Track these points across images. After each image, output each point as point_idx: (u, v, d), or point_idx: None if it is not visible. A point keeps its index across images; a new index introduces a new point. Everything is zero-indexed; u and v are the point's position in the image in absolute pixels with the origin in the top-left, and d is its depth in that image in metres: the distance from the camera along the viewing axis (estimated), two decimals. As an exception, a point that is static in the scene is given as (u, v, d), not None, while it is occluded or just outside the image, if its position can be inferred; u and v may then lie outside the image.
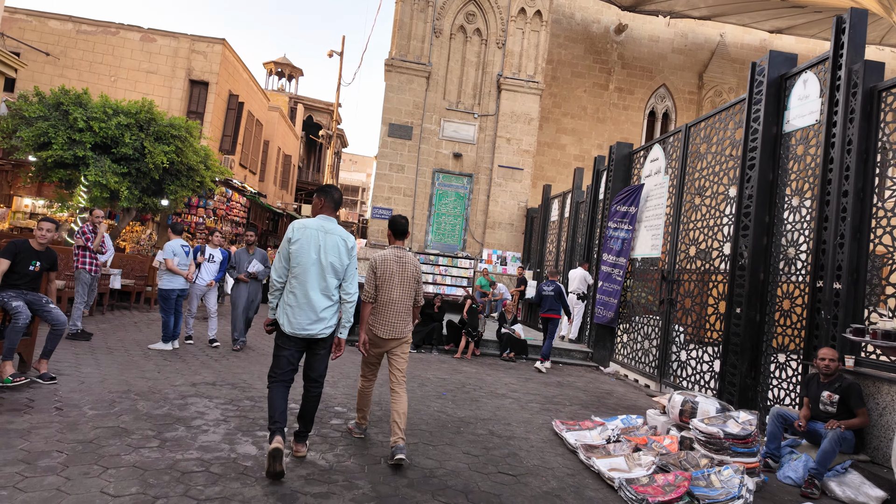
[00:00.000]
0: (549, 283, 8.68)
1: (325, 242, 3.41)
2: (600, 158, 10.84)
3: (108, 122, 10.98)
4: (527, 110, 15.65)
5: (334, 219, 3.58)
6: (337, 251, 3.44)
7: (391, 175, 15.13)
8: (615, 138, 20.70)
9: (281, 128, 29.90)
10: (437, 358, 8.40)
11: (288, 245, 3.39)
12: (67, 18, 19.48)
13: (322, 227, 3.45)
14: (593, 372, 8.84)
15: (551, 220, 13.60)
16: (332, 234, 3.45)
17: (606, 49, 20.77)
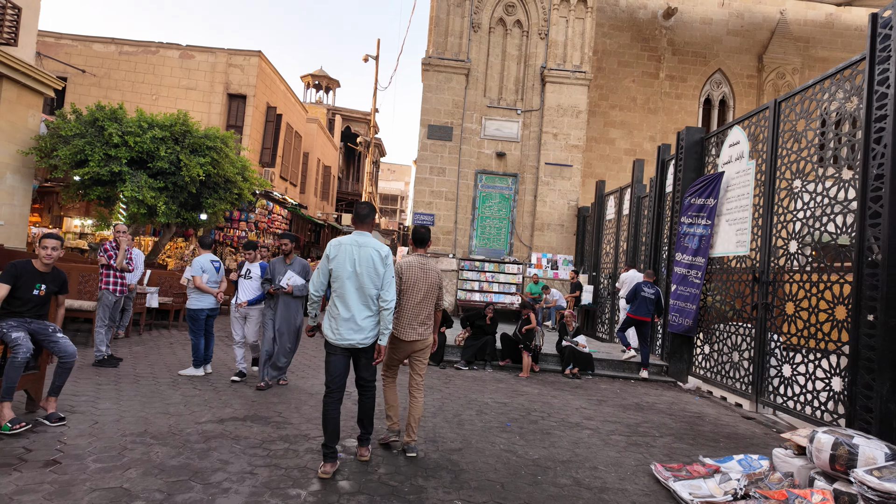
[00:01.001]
0: (651, 286, 8.32)
1: (359, 255, 3.62)
2: (665, 147, 9.75)
3: (143, 136, 10.71)
4: (574, 102, 14.63)
5: (368, 233, 3.76)
6: (371, 262, 3.62)
7: (432, 179, 14.41)
8: (668, 129, 19.37)
9: (320, 139, 29.82)
10: (493, 376, 7.52)
11: (327, 262, 3.66)
12: (110, 41, 19.79)
13: (356, 241, 3.67)
14: (671, 389, 7.76)
15: (607, 219, 12.52)
16: (366, 247, 3.65)
17: (655, 35, 19.49)
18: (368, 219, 3.79)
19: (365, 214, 3.79)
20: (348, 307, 3.56)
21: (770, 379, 6.38)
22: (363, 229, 3.76)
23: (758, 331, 6.60)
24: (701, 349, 8.04)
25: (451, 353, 8.45)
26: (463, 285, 14.04)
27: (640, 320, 8.33)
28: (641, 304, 8.26)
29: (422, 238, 4.29)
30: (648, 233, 9.85)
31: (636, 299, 8.31)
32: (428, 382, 6.71)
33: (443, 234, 14.35)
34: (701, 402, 6.96)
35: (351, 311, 3.56)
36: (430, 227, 14.29)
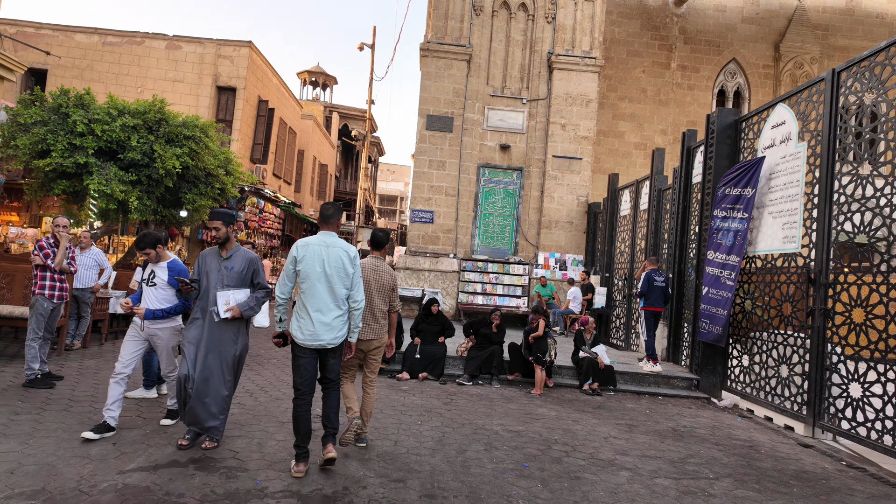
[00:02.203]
0: (660, 274, 7.91)
1: (328, 256, 3.62)
2: (691, 133, 8.75)
3: (111, 123, 9.70)
4: (583, 91, 13.63)
5: (334, 233, 3.77)
6: (340, 262, 3.63)
7: (431, 173, 13.40)
8: (680, 122, 18.37)
9: (316, 137, 28.84)
10: (501, 393, 6.51)
11: (294, 264, 3.63)
12: (93, 31, 18.85)
13: (324, 242, 3.66)
14: (706, 407, 6.75)
15: (621, 215, 11.52)
16: (334, 247, 3.66)
17: (666, 24, 18.50)
18: (333, 219, 3.80)
19: (330, 215, 3.79)
20: (319, 308, 3.57)
21: (831, 399, 5.37)
22: (329, 229, 3.78)
23: (814, 341, 5.59)
24: (738, 361, 7.03)
25: (453, 366, 7.44)
26: (465, 288, 13.04)
27: (660, 312, 7.96)
28: (657, 295, 7.81)
29: (379, 242, 4.43)
30: (672, 229, 8.84)
31: (650, 291, 7.83)
32: (427, 403, 5.71)
33: (443, 232, 13.35)
34: (745, 424, 5.95)
35: (321, 312, 3.56)
36: (430, 224, 13.30)
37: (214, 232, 3.95)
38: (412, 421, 4.96)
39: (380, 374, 7.13)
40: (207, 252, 4.08)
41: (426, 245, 13.35)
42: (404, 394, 6.09)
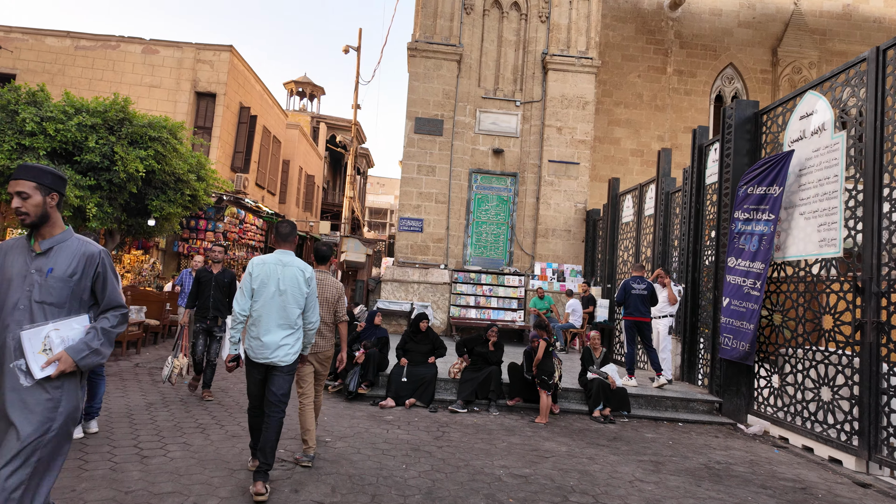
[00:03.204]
0: (640, 281, 7.32)
1: (283, 275, 3.59)
2: (702, 129, 8.03)
3: (66, 122, 8.81)
4: (580, 92, 12.96)
5: (291, 252, 3.74)
6: (296, 282, 3.61)
7: (420, 179, 12.60)
8: (678, 128, 17.82)
9: (302, 147, 28.00)
10: (501, 423, 5.63)
11: (250, 280, 3.58)
12: (65, 34, 17.97)
13: (280, 261, 3.64)
14: (733, 435, 5.91)
15: (623, 222, 10.76)
16: (290, 266, 3.63)
17: (661, 27, 18.00)
18: (290, 237, 3.77)
19: (287, 233, 3.76)
20: (269, 327, 3.54)
21: (891, 429, 4.56)
22: (286, 248, 3.75)
23: (865, 360, 4.79)
24: (767, 381, 6.21)
25: (445, 390, 6.55)
26: (456, 301, 12.18)
27: (639, 321, 7.23)
28: (636, 303, 7.20)
29: (323, 256, 4.48)
30: (683, 235, 8.07)
31: (627, 299, 7.27)
32: (414, 438, 4.82)
33: (433, 241, 12.51)
34: (786, 458, 5.11)
35: (272, 331, 3.53)
36: (419, 233, 12.46)
37: (19, 202, 2.22)
38: (396, 464, 4.07)
39: (360, 400, 6.24)
40: (9, 244, 2.33)
41: (415, 255, 12.50)
42: (388, 426, 5.19)
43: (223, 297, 5.94)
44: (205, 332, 5.89)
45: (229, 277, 6.01)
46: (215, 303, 5.89)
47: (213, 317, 5.90)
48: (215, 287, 5.89)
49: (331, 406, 5.86)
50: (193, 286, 5.89)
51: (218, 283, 5.91)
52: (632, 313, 7.30)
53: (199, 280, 5.88)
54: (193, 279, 5.92)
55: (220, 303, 5.92)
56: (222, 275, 5.97)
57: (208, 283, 5.88)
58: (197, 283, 5.87)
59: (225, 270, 6.02)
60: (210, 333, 5.92)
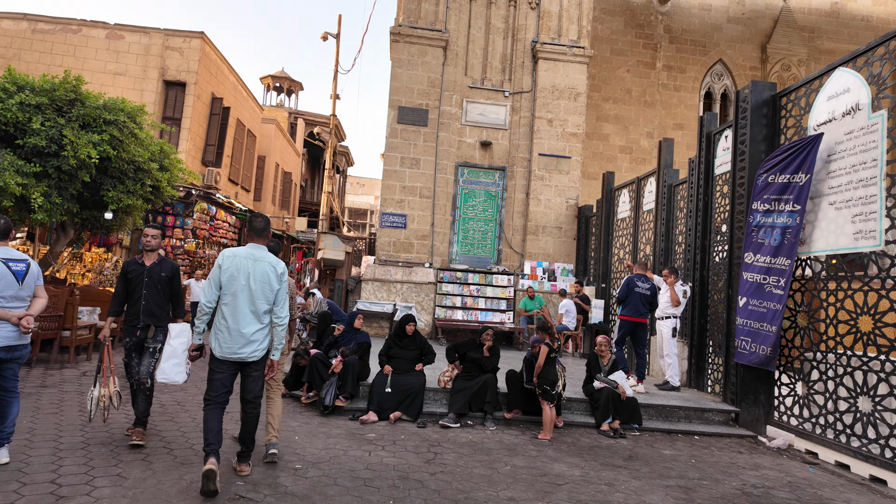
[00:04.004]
0: (644, 280, 6.93)
1: (254, 270, 3.55)
2: (710, 116, 7.46)
3: (6, 101, 7.84)
4: (571, 83, 12.37)
5: (263, 246, 3.70)
6: (266, 277, 3.57)
7: (403, 171, 11.85)
8: (667, 124, 17.40)
9: (279, 142, 26.98)
10: (499, 440, 4.92)
11: (219, 273, 3.52)
12: (22, 17, 16.80)
13: (251, 255, 3.59)
14: (757, 450, 5.30)
15: (619, 218, 10.18)
16: (262, 261, 3.59)
17: (650, 22, 17.58)
18: (264, 232, 3.73)
19: (261, 228, 3.72)
20: (238, 321, 3.48)
21: (949, 446, 3.99)
22: (259, 243, 3.70)
23: (915, 367, 4.22)
24: (790, 389, 5.63)
25: (434, 401, 5.82)
26: (442, 301, 11.45)
27: (638, 322, 6.86)
28: (637, 303, 6.80)
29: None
30: (689, 229, 7.49)
31: (629, 297, 6.85)
32: (401, 462, 4.08)
33: (417, 238, 11.77)
34: (825, 478, 4.50)
35: (241, 326, 3.49)
36: (402, 229, 11.71)
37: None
38: (381, 501, 3.32)
39: (338, 414, 5.48)
40: None
41: (398, 253, 11.74)
42: (370, 446, 4.44)
43: (161, 299, 4.34)
44: (136, 348, 4.31)
45: (170, 271, 4.41)
46: (149, 307, 4.27)
47: (144, 325, 4.25)
48: (149, 284, 4.27)
49: (304, 422, 5.08)
50: (120, 284, 4.31)
51: (153, 278, 4.28)
52: (631, 313, 6.86)
53: (126, 276, 4.30)
54: (120, 274, 4.36)
55: (155, 306, 4.31)
56: (159, 268, 4.33)
57: (139, 280, 4.27)
58: (124, 281, 4.29)
59: (164, 262, 4.42)
60: (142, 347, 4.31)
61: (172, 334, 4.08)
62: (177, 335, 4.08)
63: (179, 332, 4.10)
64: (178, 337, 4.07)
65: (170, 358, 3.98)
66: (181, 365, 3.99)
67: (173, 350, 4.00)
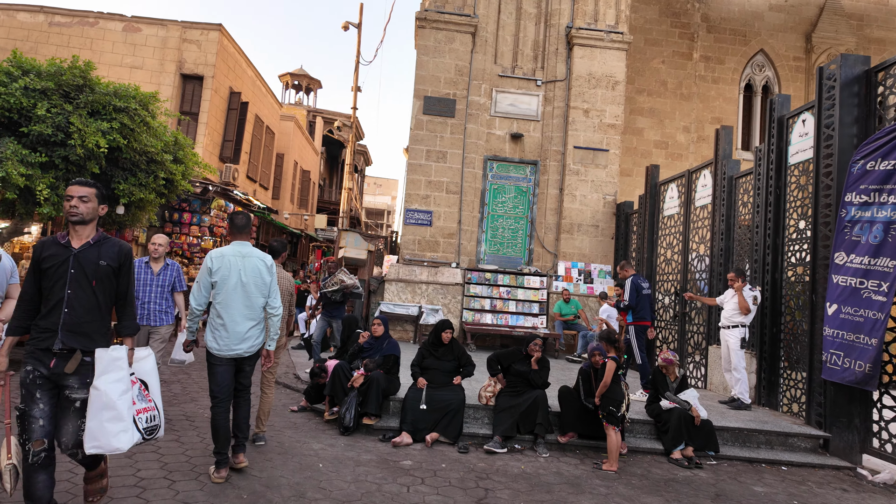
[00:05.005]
0: (644, 280, 6.90)
1: (244, 266, 3.58)
2: (783, 98, 6.62)
3: (9, 85, 7.32)
4: (609, 71, 11.55)
5: (247, 242, 3.72)
6: (258, 272, 3.61)
7: (429, 165, 11.15)
8: (704, 118, 16.46)
9: (297, 140, 26.50)
10: (557, 470, 4.17)
11: (209, 275, 3.54)
12: (38, 9, 16.47)
13: (239, 252, 3.62)
14: (860, 485, 4.47)
15: (665, 215, 9.34)
16: (250, 257, 3.63)
17: (686, 10, 16.65)
18: (246, 228, 3.74)
19: (243, 225, 3.73)
20: (234, 319, 3.51)
21: None
22: (243, 239, 3.71)
23: None
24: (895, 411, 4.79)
25: (475, 420, 5.09)
26: (470, 304, 10.71)
27: (647, 326, 6.66)
28: (646, 306, 6.66)
29: (275, 251, 4.59)
30: (757, 226, 6.64)
31: (640, 302, 6.62)
32: (448, 502, 3.35)
33: (443, 237, 11.05)
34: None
35: (236, 323, 3.51)
36: (427, 227, 11.00)
37: None
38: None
39: (366, 433, 4.78)
40: None
41: (423, 252, 11.04)
42: (407, 478, 3.73)
43: (97, 304, 2.69)
44: (47, 386, 2.60)
45: (115, 257, 2.74)
46: (74, 317, 2.62)
47: (61, 351, 2.60)
48: (77, 279, 2.64)
49: (328, 444, 4.39)
50: (28, 279, 2.69)
51: (84, 268, 2.65)
52: (644, 317, 6.64)
53: (38, 265, 2.66)
54: (31, 263, 2.71)
55: (86, 315, 2.66)
56: (95, 252, 2.69)
57: (60, 272, 2.63)
58: (36, 273, 2.67)
59: (103, 241, 2.74)
60: (59, 387, 2.62)
61: (101, 367, 2.59)
62: (108, 369, 2.59)
63: (113, 366, 2.61)
64: (113, 373, 2.60)
65: (101, 411, 2.53)
66: (122, 419, 2.57)
67: (104, 397, 2.55)
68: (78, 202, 2.68)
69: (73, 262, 2.65)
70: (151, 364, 2.88)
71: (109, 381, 2.58)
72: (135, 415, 2.66)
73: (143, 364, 2.84)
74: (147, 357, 2.87)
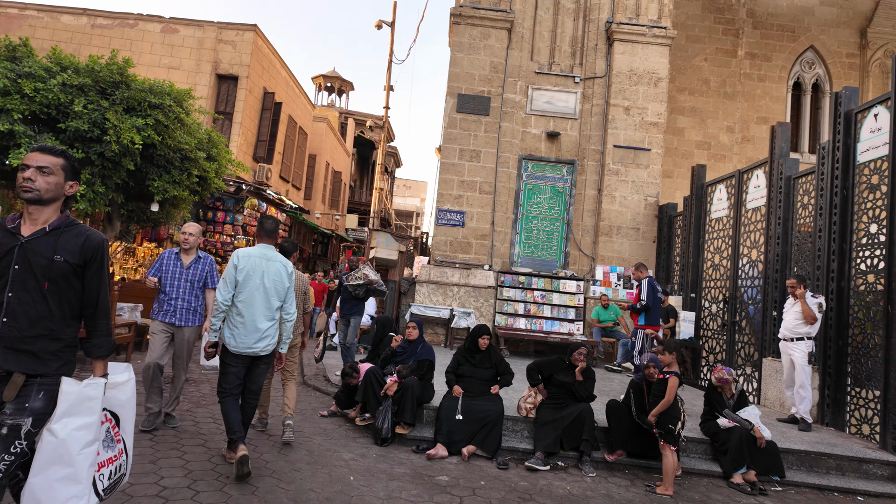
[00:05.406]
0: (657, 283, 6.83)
1: (268, 269, 3.69)
2: (850, 91, 6.09)
3: (48, 81, 7.35)
4: (651, 67, 11.07)
5: (273, 246, 3.82)
6: (279, 276, 3.73)
7: (462, 165, 10.87)
8: (749, 118, 15.73)
9: (329, 141, 26.60)
10: (607, 493, 3.83)
11: (234, 272, 3.61)
12: (82, 12, 16.88)
13: (264, 255, 3.72)
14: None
15: (713, 217, 8.83)
16: (274, 261, 3.74)
17: (731, 5, 15.96)
18: (274, 233, 3.83)
19: (272, 229, 3.83)
20: (253, 318, 3.60)
21: None
22: (270, 243, 3.81)
23: None
24: None
25: (514, 433, 4.77)
26: (503, 308, 10.38)
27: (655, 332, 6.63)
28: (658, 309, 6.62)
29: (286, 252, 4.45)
30: (821, 230, 6.13)
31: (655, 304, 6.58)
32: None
33: (475, 238, 10.75)
34: None
35: (255, 322, 3.60)
36: (460, 227, 10.72)
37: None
38: None
39: (399, 443, 4.52)
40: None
41: (455, 253, 10.76)
42: (442, 496, 3.44)
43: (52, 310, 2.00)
44: None
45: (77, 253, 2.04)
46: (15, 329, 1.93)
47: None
48: (20, 278, 1.95)
49: (359, 454, 4.14)
50: None
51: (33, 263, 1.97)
52: (654, 321, 6.60)
53: None
54: None
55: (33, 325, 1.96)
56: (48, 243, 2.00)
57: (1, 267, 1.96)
58: None
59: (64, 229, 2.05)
60: None
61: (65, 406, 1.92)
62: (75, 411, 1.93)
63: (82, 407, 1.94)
64: (80, 416, 1.93)
65: (53, 466, 1.86)
66: (78, 481, 1.89)
67: (60, 448, 1.88)
68: (35, 174, 1.97)
69: (17, 254, 1.93)
70: (130, 391, 2.19)
71: (72, 428, 1.90)
72: (95, 472, 1.97)
73: (119, 392, 2.13)
74: (125, 383, 2.17)
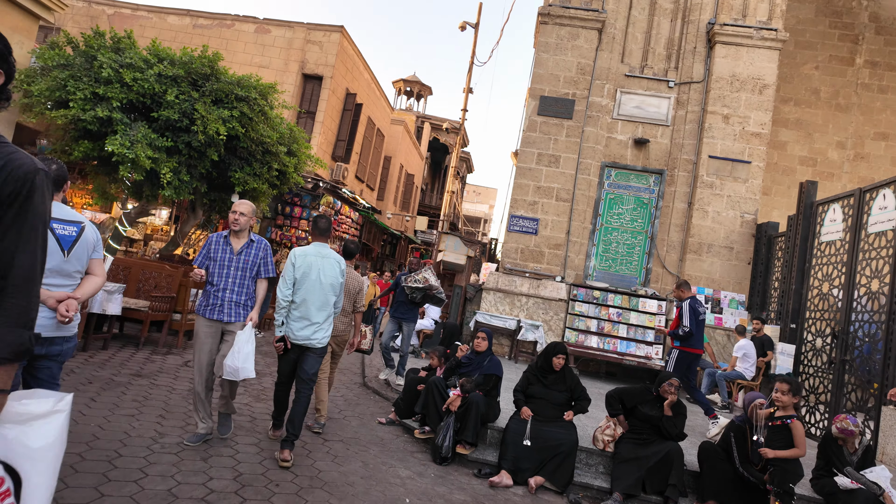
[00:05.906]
0: (701, 304, 6.27)
1: (323, 266, 3.85)
2: None
3: (145, 71, 7.66)
4: (757, 72, 10.08)
5: (326, 244, 4.01)
6: (334, 272, 3.89)
7: (539, 170, 10.37)
8: (865, 133, 14.13)
9: (405, 144, 26.87)
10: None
11: (293, 270, 3.79)
12: (185, 13, 17.99)
13: (319, 252, 3.89)
14: None
15: (823, 240, 7.80)
16: (328, 258, 3.90)
17: (851, 9, 14.41)
18: (328, 232, 4.01)
19: (325, 228, 4.00)
20: (310, 311, 3.76)
21: None
22: (323, 241, 3.98)
23: None
24: None
25: (588, 467, 4.26)
26: (573, 323, 9.76)
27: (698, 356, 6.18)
28: (700, 332, 6.09)
29: (350, 252, 4.92)
30: (971, 262, 5.14)
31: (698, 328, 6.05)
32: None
33: (548, 247, 10.22)
34: None
35: (312, 315, 3.75)
36: (532, 235, 10.23)
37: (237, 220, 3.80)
38: None
39: (459, 463, 4.14)
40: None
41: (525, 262, 10.27)
42: None
43: None
44: None
45: None
46: None
47: None
48: None
49: (416, 471, 3.82)
50: None
51: None
52: (695, 344, 6.05)
53: None
54: None
55: None
56: None
57: None
58: None
59: None
60: None
61: None
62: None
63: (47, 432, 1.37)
64: None
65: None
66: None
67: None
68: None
69: None
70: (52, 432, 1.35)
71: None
72: None
73: (30, 432, 1.30)
74: (47, 417, 1.35)
